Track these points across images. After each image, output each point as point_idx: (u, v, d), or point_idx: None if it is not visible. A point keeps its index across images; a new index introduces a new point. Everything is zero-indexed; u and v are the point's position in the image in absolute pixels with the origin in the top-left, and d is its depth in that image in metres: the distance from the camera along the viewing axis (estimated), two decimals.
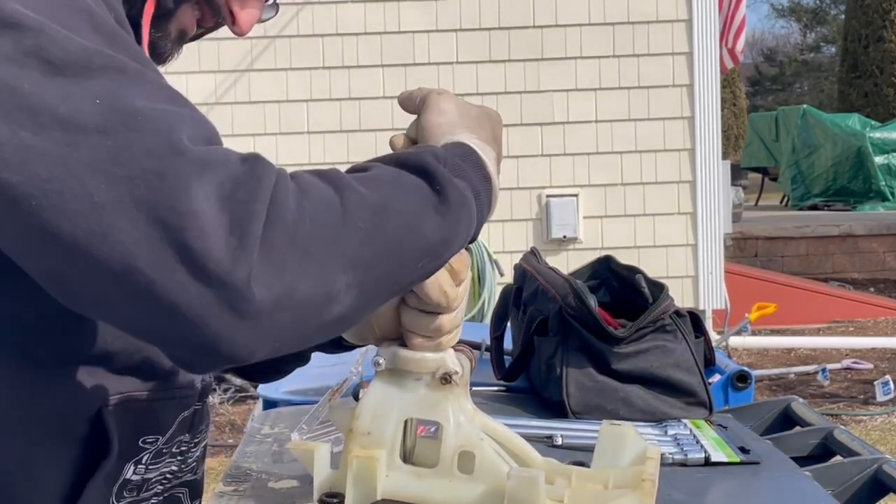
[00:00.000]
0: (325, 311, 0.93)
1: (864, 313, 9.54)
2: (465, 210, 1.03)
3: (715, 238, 7.48)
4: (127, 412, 1.15)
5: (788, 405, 1.89)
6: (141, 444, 1.18)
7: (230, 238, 0.87)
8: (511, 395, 1.96)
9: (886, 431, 6.13)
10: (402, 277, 1.00)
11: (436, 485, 1.14)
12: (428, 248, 1.00)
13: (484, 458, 1.14)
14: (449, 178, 1.02)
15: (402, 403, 1.14)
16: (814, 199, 15.46)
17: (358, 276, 0.94)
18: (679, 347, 1.79)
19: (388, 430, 1.14)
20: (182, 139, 0.90)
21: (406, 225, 0.98)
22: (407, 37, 7.35)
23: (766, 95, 35.59)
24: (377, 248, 0.95)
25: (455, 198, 1.02)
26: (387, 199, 0.97)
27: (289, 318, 0.90)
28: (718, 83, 7.53)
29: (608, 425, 1.23)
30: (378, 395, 1.15)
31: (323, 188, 0.95)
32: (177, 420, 1.22)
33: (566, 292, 1.83)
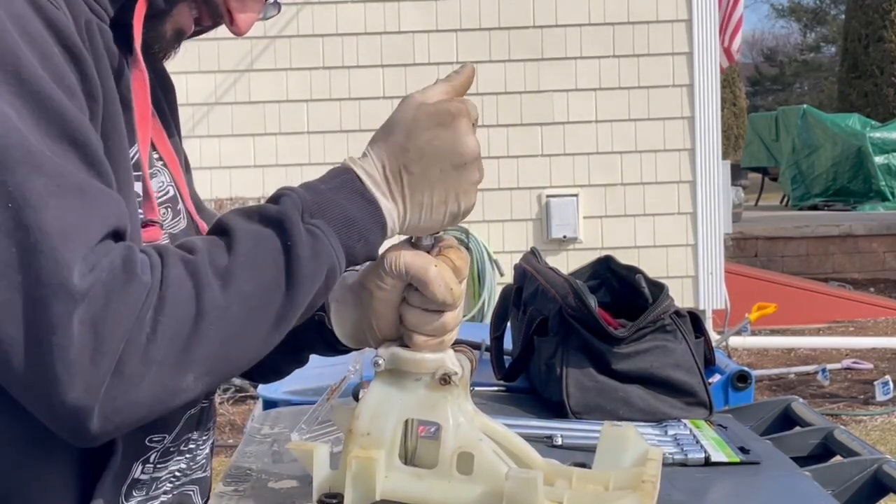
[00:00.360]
0: (172, 401, 1.02)
1: (864, 313, 9.54)
2: (316, 260, 1.07)
3: (715, 238, 7.48)
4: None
5: (788, 405, 1.89)
6: (147, 444, 1.18)
7: (90, 367, 0.97)
8: (511, 395, 1.96)
9: (886, 431, 6.13)
10: (258, 347, 1.07)
11: (435, 485, 1.14)
12: (280, 314, 1.06)
13: (482, 459, 1.14)
14: (299, 232, 1.06)
15: (402, 404, 1.14)
16: (814, 199, 15.46)
17: (208, 367, 1.03)
18: (679, 347, 1.78)
19: (388, 430, 1.14)
20: (72, 273, 0.97)
21: (257, 306, 1.05)
22: (407, 37, 7.35)
23: (766, 95, 35.59)
24: (226, 339, 1.03)
25: (305, 253, 1.06)
26: (239, 287, 1.04)
27: (134, 417, 1.01)
28: (718, 83, 7.53)
29: (610, 426, 1.23)
30: (377, 395, 1.15)
31: (183, 292, 1.02)
32: (183, 418, 1.22)
33: (566, 292, 1.83)
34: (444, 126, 1.12)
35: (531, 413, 1.80)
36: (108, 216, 1.02)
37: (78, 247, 0.98)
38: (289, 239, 1.05)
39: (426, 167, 1.12)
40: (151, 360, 0.99)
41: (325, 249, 1.07)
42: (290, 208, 1.07)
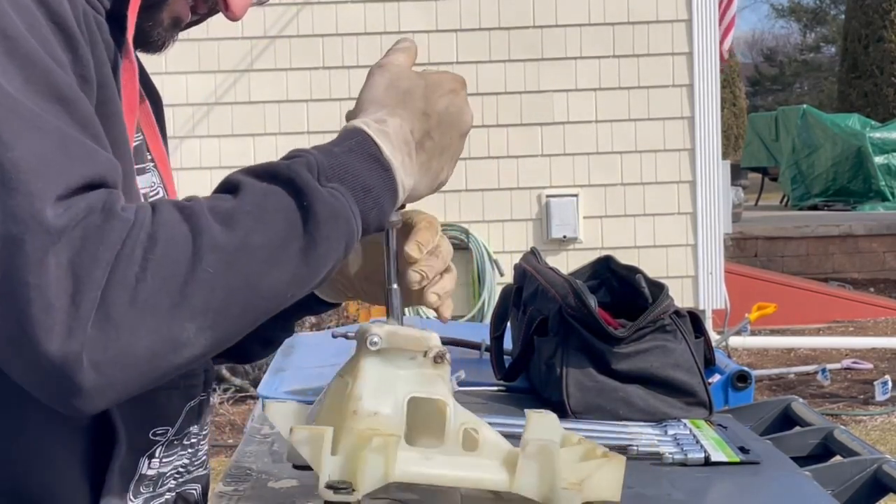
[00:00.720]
0: (174, 356, 0.96)
1: (863, 313, 9.54)
2: (335, 224, 1.02)
3: (715, 238, 7.49)
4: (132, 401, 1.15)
5: (788, 405, 1.89)
6: (152, 437, 1.18)
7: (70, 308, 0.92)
8: (511, 395, 1.96)
9: (886, 431, 6.13)
10: (265, 306, 1.01)
11: (446, 463, 1.12)
12: (294, 275, 1.01)
13: (486, 435, 1.13)
14: (317, 192, 1.02)
15: (402, 382, 1.11)
16: (814, 199, 15.46)
17: (209, 320, 0.96)
18: (679, 347, 1.78)
19: (393, 410, 1.11)
20: (45, 208, 0.93)
21: (266, 260, 0.99)
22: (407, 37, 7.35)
23: (765, 95, 35.59)
24: (229, 290, 0.97)
25: (323, 213, 1.01)
26: (245, 236, 0.98)
27: (131, 372, 0.94)
28: (718, 83, 7.53)
29: (533, 413, 1.22)
30: (374, 374, 1.11)
31: (177, 233, 0.97)
32: (184, 410, 1.22)
33: (566, 292, 1.83)
34: (455, 93, 1.13)
35: None
36: (93, 166, 0.98)
37: (53, 185, 0.94)
38: (304, 199, 1.01)
39: (443, 133, 1.12)
40: (143, 304, 0.93)
41: (343, 212, 1.03)
42: (302, 168, 1.03)
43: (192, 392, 1.23)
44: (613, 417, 1.72)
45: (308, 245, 1.01)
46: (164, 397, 1.18)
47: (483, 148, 7.41)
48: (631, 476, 1.46)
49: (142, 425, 1.17)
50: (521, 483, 1.12)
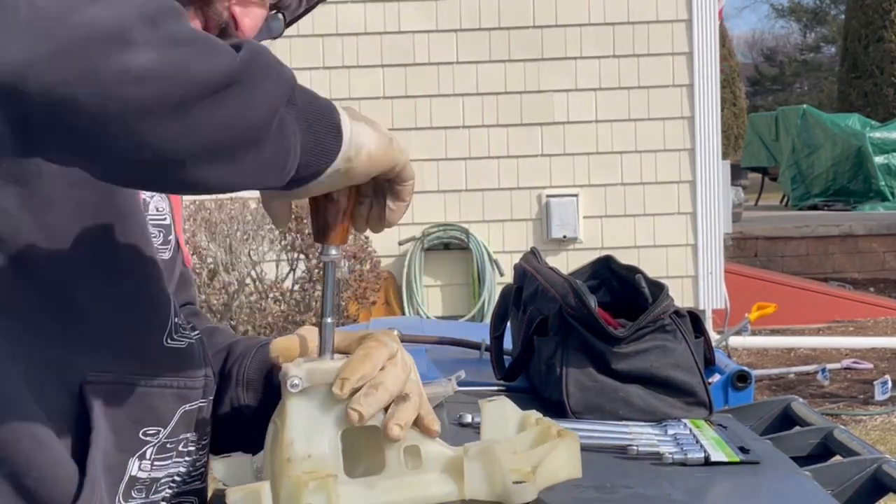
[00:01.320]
0: (119, 51, 0.90)
1: (863, 313, 9.54)
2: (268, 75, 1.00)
3: (715, 238, 7.49)
4: (118, 396, 1.15)
5: (788, 405, 1.89)
6: (142, 437, 1.18)
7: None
8: (511, 395, 1.95)
9: (886, 431, 6.13)
10: (214, 71, 0.95)
11: (391, 487, 1.10)
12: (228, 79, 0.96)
13: (430, 450, 1.12)
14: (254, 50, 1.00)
15: (332, 418, 1.09)
16: (814, 199, 15.46)
17: (158, 40, 0.92)
18: (679, 347, 1.79)
19: (328, 447, 1.09)
20: None
21: (201, 51, 0.95)
22: (407, 37, 7.35)
23: (765, 95, 35.60)
24: (182, 28, 0.95)
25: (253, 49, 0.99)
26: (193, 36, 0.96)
27: (69, 37, 0.88)
28: (718, 83, 7.54)
29: (487, 402, 1.22)
30: (302, 416, 1.09)
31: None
32: (177, 413, 1.22)
33: (566, 292, 1.83)
34: None
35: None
36: None
37: None
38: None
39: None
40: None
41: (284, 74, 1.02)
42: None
43: (189, 395, 1.22)
44: (613, 417, 1.72)
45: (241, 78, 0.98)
46: (156, 396, 1.18)
47: (483, 148, 7.41)
48: (631, 476, 1.46)
49: (130, 423, 1.17)
50: (471, 489, 1.12)
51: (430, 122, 7.36)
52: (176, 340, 1.21)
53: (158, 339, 1.19)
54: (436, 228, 7.45)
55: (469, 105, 7.42)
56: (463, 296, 7.52)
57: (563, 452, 1.18)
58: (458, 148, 7.41)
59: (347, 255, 6.70)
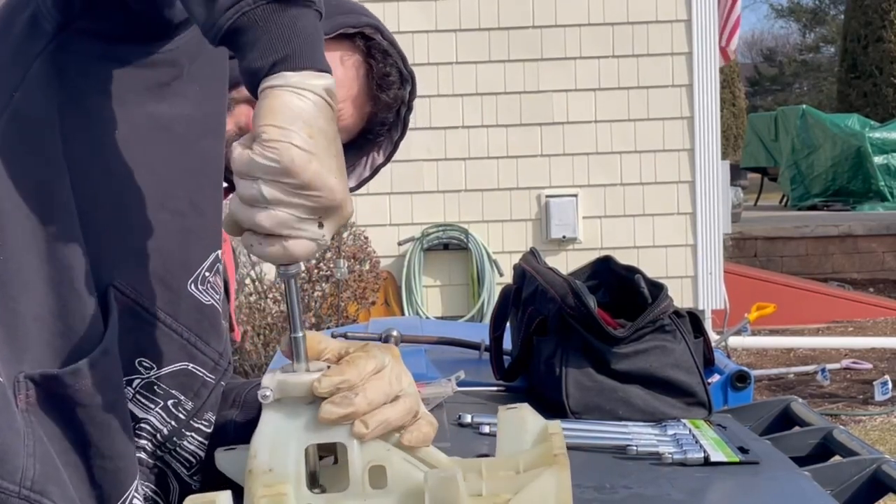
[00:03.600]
0: None
1: (863, 313, 9.54)
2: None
3: (714, 238, 7.49)
4: (132, 315, 1.18)
5: (788, 405, 1.89)
6: (136, 366, 1.20)
7: None
8: (510, 395, 1.96)
9: (885, 431, 6.13)
10: None
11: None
12: None
13: (395, 469, 1.10)
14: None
15: (298, 432, 1.08)
16: (813, 200, 15.46)
17: None
18: (678, 347, 1.79)
19: (290, 462, 1.08)
20: None
21: None
22: (406, 37, 7.35)
23: (765, 95, 35.58)
24: None
25: None
26: None
27: None
28: (718, 83, 7.53)
29: (504, 410, 1.19)
30: (271, 428, 1.09)
31: None
32: (177, 363, 1.22)
33: (566, 292, 1.83)
34: None
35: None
36: None
37: None
38: None
39: None
40: None
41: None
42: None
43: (195, 356, 1.24)
44: (613, 417, 1.73)
45: None
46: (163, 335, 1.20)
47: (482, 148, 7.41)
48: (630, 476, 1.46)
49: (132, 343, 1.19)
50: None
51: (429, 123, 7.36)
52: (199, 292, 1.23)
53: (183, 280, 1.22)
54: (435, 229, 7.45)
55: (468, 105, 7.41)
56: (462, 296, 7.52)
57: (551, 481, 1.12)
58: (457, 148, 7.41)
59: (347, 255, 6.70)
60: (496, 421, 1.64)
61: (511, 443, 1.18)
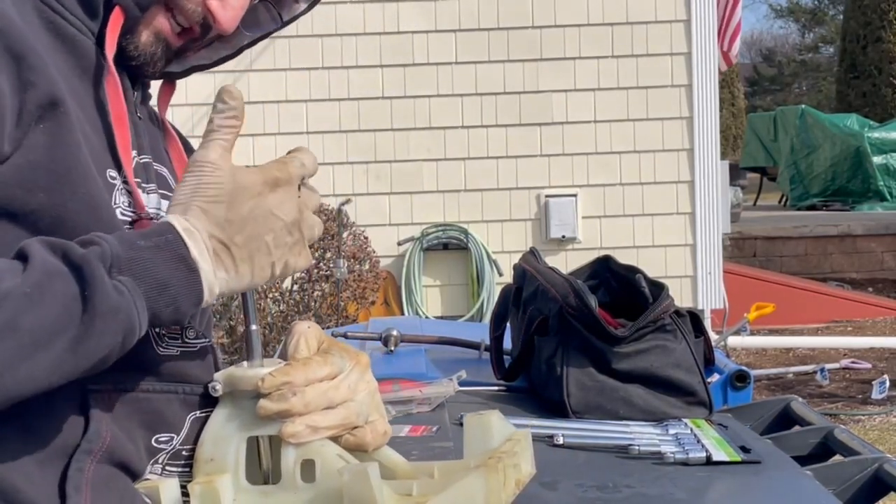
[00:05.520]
0: None
1: (862, 313, 9.54)
2: (113, 319, 1.01)
3: (713, 238, 7.49)
4: (122, 402, 1.14)
5: (788, 405, 1.89)
6: (155, 444, 1.18)
7: None
8: (511, 395, 1.96)
9: (885, 431, 6.13)
10: (18, 389, 0.99)
11: (281, 499, 1.12)
12: (58, 363, 0.99)
13: (324, 463, 1.12)
14: (102, 284, 1.01)
15: (241, 423, 1.13)
16: (812, 199, 15.46)
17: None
18: (679, 347, 1.79)
19: (231, 453, 1.13)
20: None
21: (31, 344, 0.98)
22: (406, 37, 7.35)
23: (764, 96, 35.59)
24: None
25: (102, 307, 1.01)
26: (15, 316, 0.98)
27: None
28: (717, 83, 7.53)
29: (472, 416, 1.21)
30: (219, 420, 1.14)
31: None
32: (188, 419, 1.21)
33: (566, 292, 1.83)
34: (261, 196, 1.12)
35: (531, 413, 1.81)
36: None
37: None
38: (87, 288, 1.01)
39: (250, 237, 1.11)
40: None
41: (125, 307, 1.02)
42: (94, 258, 1.02)
43: (196, 402, 1.22)
44: (614, 417, 1.73)
45: (80, 336, 1.00)
46: (161, 402, 1.18)
47: (482, 148, 7.41)
48: (633, 475, 1.46)
49: (140, 428, 1.16)
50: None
51: (428, 123, 7.36)
52: (166, 349, 1.20)
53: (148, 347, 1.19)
54: (435, 228, 7.45)
55: (468, 105, 7.41)
56: (462, 296, 7.52)
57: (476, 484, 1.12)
58: (456, 148, 7.41)
59: (347, 255, 6.70)
60: None
61: (476, 448, 1.20)
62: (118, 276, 1.03)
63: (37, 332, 0.98)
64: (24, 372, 0.98)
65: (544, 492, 1.41)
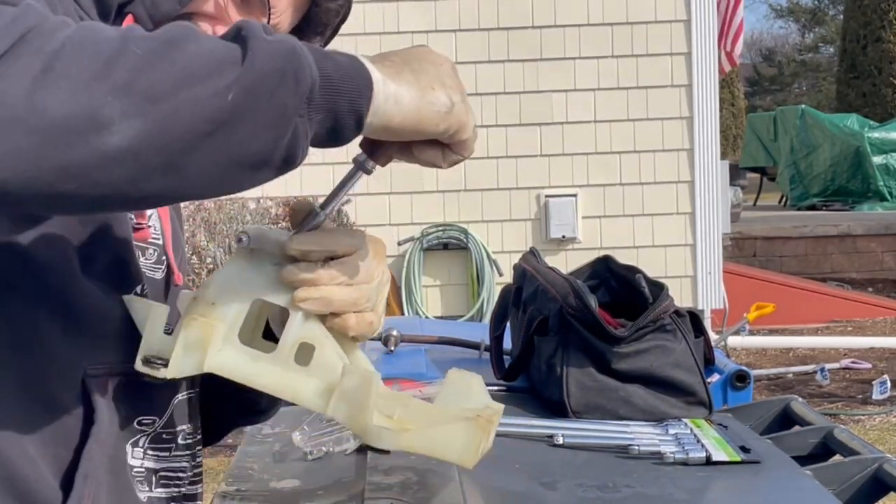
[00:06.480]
0: (95, 138, 0.88)
1: (862, 313, 9.55)
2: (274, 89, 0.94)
3: (713, 238, 7.49)
4: (116, 386, 1.15)
5: (788, 405, 1.89)
6: (137, 426, 1.18)
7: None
8: (511, 395, 1.96)
9: (885, 431, 6.14)
10: (202, 116, 0.91)
11: (268, 370, 1.10)
12: (220, 99, 0.91)
13: (323, 355, 1.10)
14: (263, 40, 0.94)
15: (254, 283, 1.09)
16: (812, 199, 15.47)
17: (136, 105, 0.89)
18: (679, 347, 1.79)
19: (234, 307, 1.09)
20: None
21: (198, 57, 0.92)
22: (406, 37, 7.35)
23: (764, 96, 35.60)
24: (159, 75, 0.90)
25: (264, 54, 0.94)
26: (181, 37, 0.92)
27: (40, 139, 0.86)
28: (717, 83, 7.54)
29: (456, 372, 1.19)
30: (232, 270, 1.10)
31: (108, 28, 0.93)
32: (172, 402, 1.21)
33: (566, 292, 1.84)
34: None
35: (531, 412, 1.81)
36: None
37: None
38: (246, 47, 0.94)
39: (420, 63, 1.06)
40: (59, 70, 0.87)
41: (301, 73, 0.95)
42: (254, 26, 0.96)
43: (177, 384, 1.22)
44: (614, 417, 1.73)
45: (242, 74, 0.93)
46: (150, 386, 1.18)
47: (482, 148, 7.41)
48: (633, 475, 1.46)
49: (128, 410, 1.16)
50: (334, 409, 1.09)
51: None
52: None
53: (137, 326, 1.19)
54: (435, 228, 7.45)
55: None
56: (462, 296, 7.52)
57: (461, 433, 1.11)
58: None
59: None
60: None
61: (452, 401, 1.17)
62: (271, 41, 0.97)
63: (201, 55, 0.92)
64: (200, 90, 0.91)
65: (544, 492, 1.42)
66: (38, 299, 1.10)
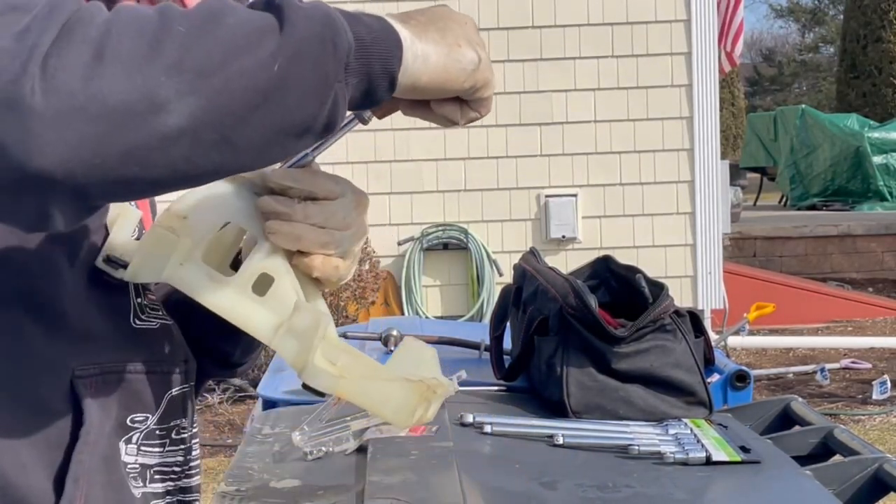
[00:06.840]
0: (154, 120, 0.89)
1: (862, 313, 9.55)
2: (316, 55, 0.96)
3: (713, 238, 7.49)
4: (107, 386, 1.14)
5: (788, 405, 1.89)
6: (129, 424, 1.18)
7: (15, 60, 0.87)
8: (511, 395, 1.96)
9: (885, 431, 6.14)
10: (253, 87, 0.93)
11: (224, 293, 1.09)
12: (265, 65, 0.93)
13: (280, 287, 1.09)
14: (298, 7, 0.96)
15: (230, 206, 1.10)
16: (812, 199, 15.47)
17: (189, 82, 0.90)
18: (679, 347, 1.79)
19: (205, 223, 1.10)
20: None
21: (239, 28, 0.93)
22: None
23: (764, 95, 35.60)
24: (206, 50, 0.92)
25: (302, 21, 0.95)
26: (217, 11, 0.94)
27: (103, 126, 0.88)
28: (717, 83, 7.54)
29: (412, 341, 1.19)
30: (211, 190, 1.09)
31: (142, 7, 0.94)
32: (165, 397, 1.21)
33: (566, 292, 1.84)
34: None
35: (531, 412, 1.81)
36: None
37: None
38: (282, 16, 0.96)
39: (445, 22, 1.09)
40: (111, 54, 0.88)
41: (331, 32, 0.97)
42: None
43: (171, 380, 1.22)
44: (614, 417, 1.73)
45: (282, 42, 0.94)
46: (141, 382, 1.17)
47: (482, 148, 7.41)
48: (633, 475, 1.46)
49: (119, 409, 1.15)
50: (278, 342, 1.08)
51: (428, 123, 7.36)
52: (145, 321, 1.20)
53: (126, 321, 1.18)
54: (435, 228, 7.45)
55: None
56: (462, 296, 7.52)
57: (400, 391, 1.10)
58: (457, 148, 7.41)
59: None
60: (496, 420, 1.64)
61: (401, 367, 1.16)
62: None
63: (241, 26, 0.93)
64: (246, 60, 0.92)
65: (544, 492, 1.42)
66: (21, 301, 1.09)
